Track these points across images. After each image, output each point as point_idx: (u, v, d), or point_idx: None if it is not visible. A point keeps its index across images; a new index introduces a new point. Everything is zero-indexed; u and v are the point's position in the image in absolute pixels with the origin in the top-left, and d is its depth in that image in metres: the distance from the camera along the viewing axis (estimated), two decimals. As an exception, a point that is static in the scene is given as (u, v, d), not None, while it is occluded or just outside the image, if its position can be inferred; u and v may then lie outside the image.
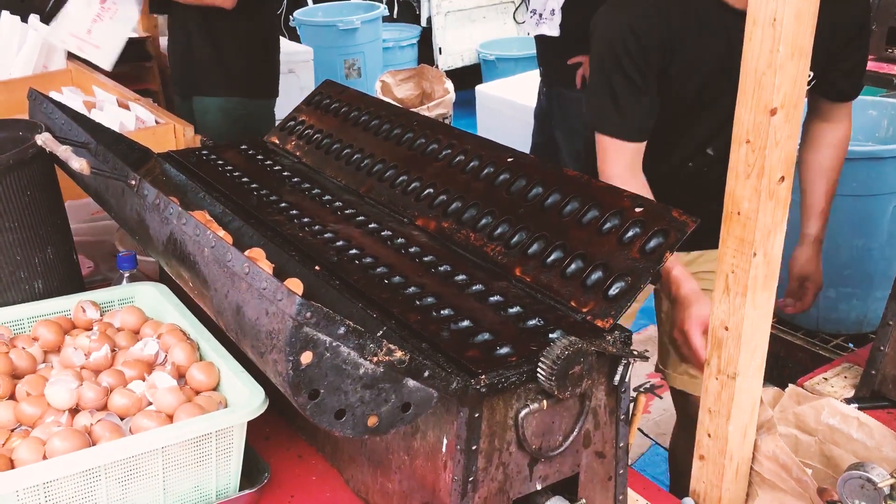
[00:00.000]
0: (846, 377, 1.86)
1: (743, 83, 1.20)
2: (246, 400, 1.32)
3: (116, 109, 2.70)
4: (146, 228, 1.40)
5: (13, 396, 1.37)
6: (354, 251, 1.48)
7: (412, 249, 1.49)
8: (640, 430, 3.17)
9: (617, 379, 1.22)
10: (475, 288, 1.35)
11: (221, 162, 1.95)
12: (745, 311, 1.26)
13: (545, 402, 1.17)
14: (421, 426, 1.21)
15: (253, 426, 1.33)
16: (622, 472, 1.31)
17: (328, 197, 1.74)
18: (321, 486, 1.44)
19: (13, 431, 1.30)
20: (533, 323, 1.25)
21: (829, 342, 2.69)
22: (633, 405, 1.30)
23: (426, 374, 1.04)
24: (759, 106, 1.18)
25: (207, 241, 1.18)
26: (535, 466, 1.21)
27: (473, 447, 1.14)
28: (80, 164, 1.38)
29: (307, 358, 0.96)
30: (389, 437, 1.28)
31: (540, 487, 1.23)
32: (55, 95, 2.74)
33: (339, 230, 1.58)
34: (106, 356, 1.44)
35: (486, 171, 1.57)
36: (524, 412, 1.16)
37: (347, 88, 2.08)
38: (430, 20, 7.21)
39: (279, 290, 0.99)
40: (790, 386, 1.70)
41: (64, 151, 1.44)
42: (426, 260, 1.45)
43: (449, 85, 6.10)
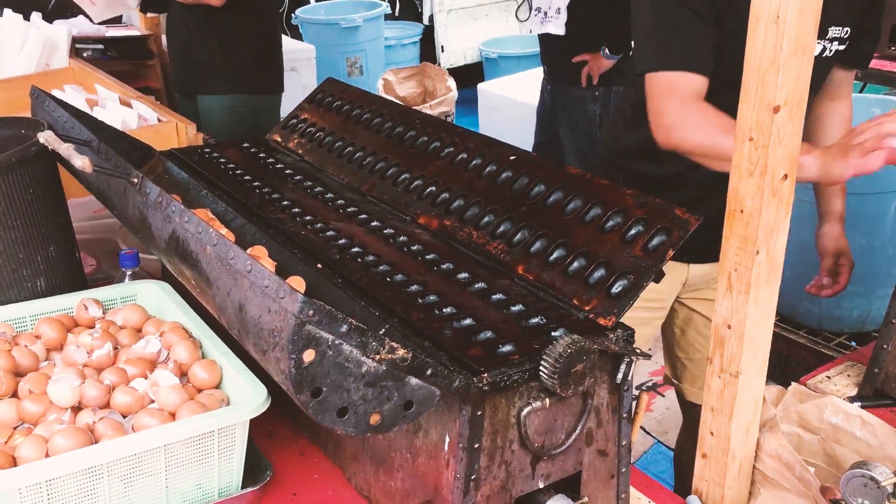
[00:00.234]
0: (849, 375, 1.86)
1: (746, 80, 1.19)
2: (248, 398, 1.32)
3: (118, 107, 2.70)
4: (148, 226, 1.40)
5: (16, 394, 1.37)
6: (356, 249, 1.48)
7: (414, 247, 1.49)
8: (642, 428, 3.17)
9: (619, 377, 1.22)
10: (477, 286, 1.35)
11: (224, 160, 1.95)
12: (747, 309, 1.26)
13: (547, 400, 1.17)
14: (423, 424, 1.21)
15: (255, 424, 1.33)
16: (625, 470, 1.31)
17: (330, 195, 1.74)
18: (323, 483, 1.44)
19: (16, 429, 1.31)
20: (535, 321, 1.25)
21: (831, 340, 2.68)
22: (635, 403, 1.29)
23: (428, 372, 1.04)
24: (762, 103, 1.18)
25: (210, 238, 1.18)
26: (537, 464, 1.21)
27: (476, 445, 1.13)
28: (82, 161, 1.37)
29: (309, 356, 0.96)
30: (392, 435, 1.28)
31: (542, 486, 1.23)
32: (57, 93, 2.74)
33: (341, 228, 1.57)
34: (108, 354, 1.44)
35: (488, 169, 1.57)
36: (526, 410, 1.16)
37: (349, 86, 2.08)
38: (432, 18, 7.22)
39: (281, 287, 0.98)
40: (793, 384, 1.70)
41: (66, 149, 1.44)
42: (428, 258, 1.45)
43: (451, 83, 6.10)
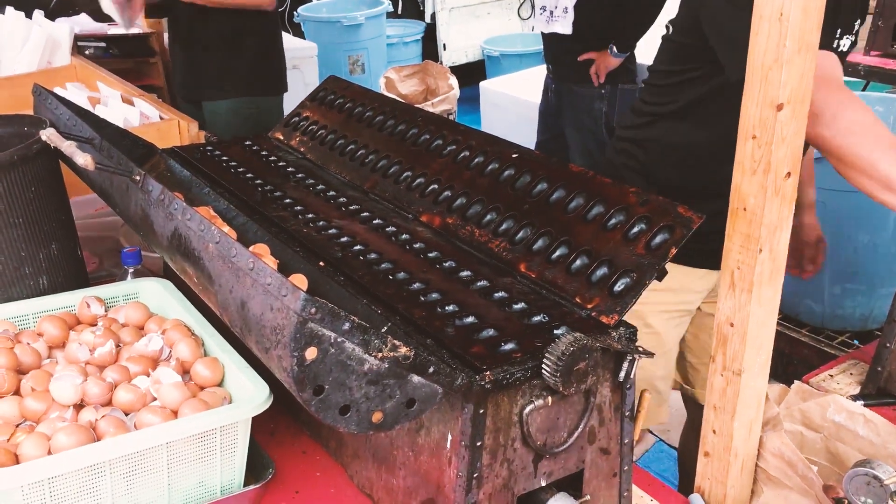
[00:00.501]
0: (852, 374, 1.86)
1: (749, 78, 1.19)
2: (250, 395, 1.32)
3: (121, 105, 2.70)
4: (151, 224, 1.40)
5: (18, 392, 1.37)
6: (359, 247, 1.48)
7: (417, 245, 1.49)
8: (649, 431, 3.16)
9: (622, 375, 1.22)
10: (480, 284, 1.35)
11: (226, 158, 1.95)
12: (750, 307, 1.26)
13: (550, 398, 1.17)
14: (425, 422, 1.21)
15: (257, 422, 1.33)
16: (627, 468, 1.31)
17: (332, 193, 1.73)
18: (326, 481, 1.44)
19: (18, 427, 1.31)
20: (538, 319, 1.25)
21: (834, 339, 2.68)
22: (637, 402, 1.29)
23: (431, 369, 1.03)
24: (765, 101, 1.18)
25: (212, 236, 1.18)
26: (539, 463, 1.21)
27: (478, 443, 1.13)
28: (84, 159, 1.37)
29: (312, 354, 0.96)
30: (394, 433, 1.27)
31: (544, 484, 1.23)
32: (59, 91, 2.74)
33: (343, 226, 1.57)
34: (110, 352, 1.44)
35: (490, 166, 1.56)
36: (529, 408, 1.15)
37: (352, 84, 2.08)
38: (434, 16, 7.21)
39: (284, 285, 0.98)
40: (796, 382, 1.70)
41: (69, 147, 1.44)
42: (431, 256, 1.45)
43: (453, 81, 6.10)
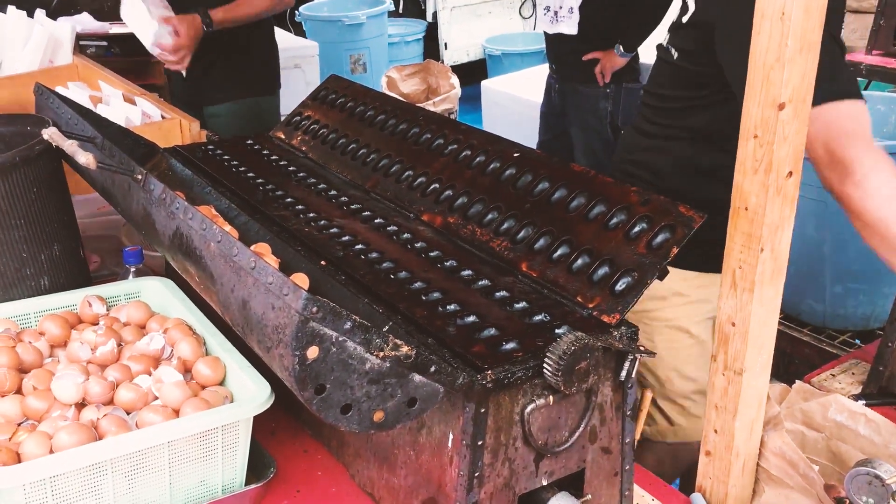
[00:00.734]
0: (853, 373, 1.85)
1: (751, 77, 1.19)
2: (252, 395, 1.32)
3: (122, 104, 2.69)
4: (152, 223, 1.40)
5: (20, 391, 1.37)
6: (360, 246, 1.48)
7: (418, 244, 1.49)
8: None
9: (623, 374, 1.22)
10: (481, 283, 1.35)
11: (227, 157, 1.95)
12: (752, 307, 1.26)
13: (551, 397, 1.17)
14: (427, 421, 1.21)
15: (259, 421, 1.33)
16: (628, 467, 1.31)
17: (334, 192, 1.73)
18: (327, 480, 1.44)
19: (20, 425, 1.31)
20: (539, 318, 1.25)
21: (836, 338, 2.67)
22: (639, 401, 1.29)
23: (432, 369, 1.04)
24: (767, 100, 1.18)
25: (213, 235, 1.18)
26: (540, 462, 1.21)
27: (479, 442, 1.13)
28: (86, 158, 1.38)
29: (313, 353, 0.96)
30: (395, 432, 1.27)
31: (546, 483, 1.23)
32: (61, 90, 2.74)
33: (344, 225, 1.57)
34: (112, 351, 1.44)
35: (492, 166, 1.56)
36: (530, 407, 1.16)
37: (353, 83, 2.08)
38: (435, 15, 7.21)
39: (285, 284, 0.98)
40: (797, 382, 1.69)
41: (70, 146, 1.44)
42: (432, 255, 1.45)
43: (454, 80, 6.10)
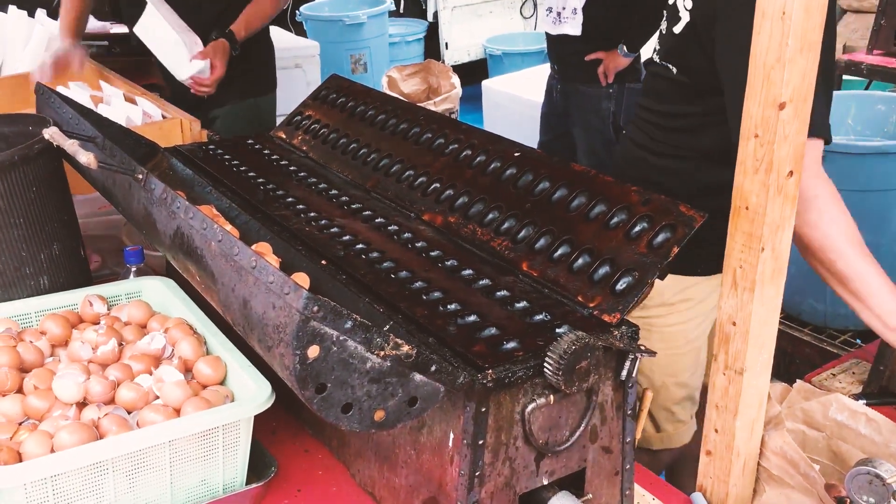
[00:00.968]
0: (854, 373, 1.86)
1: (751, 77, 1.19)
2: (253, 394, 1.32)
3: (123, 104, 2.69)
4: (153, 223, 1.40)
5: (21, 390, 1.38)
6: (361, 246, 1.48)
7: (419, 244, 1.49)
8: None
9: (624, 374, 1.22)
10: (482, 283, 1.35)
11: (228, 156, 1.95)
12: (752, 306, 1.26)
13: (552, 396, 1.17)
14: (427, 421, 1.21)
15: (260, 420, 1.33)
16: (629, 467, 1.31)
17: (335, 191, 1.74)
18: (328, 480, 1.44)
19: (21, 425, 1.31)
20: (540, 318, 1.25)
21: (836, 338, 2.67)
22: (639, 400, 1.29)
23: (433, 368, 1.04)
24: (767, 100, 1.18)
25: (214, 235, 1.18)
26: (541, 461, 1.21)
27: (480, 442, 1.13)
28: (87, 158, 1.38)
29: (314, 352, 0.96)
30: (396, 431, 1.28)
31: (546, 482, 1.23)
32: (62, 90, 2.74)
33: (345, 225, 1.57)
34: (113, 350, 1.44)
35: (492, 165, 1.57)
36: (531, 407, 1.16)
37: (354, 83, 2.08)
38: (436, 15, 7.21)
39: (286, 284, 0.99)
40: (798, 381, 1.69)
41: (71, 145, 1.44)
42: (433, 255, 1.45)
43: (455, 80, 6.10)
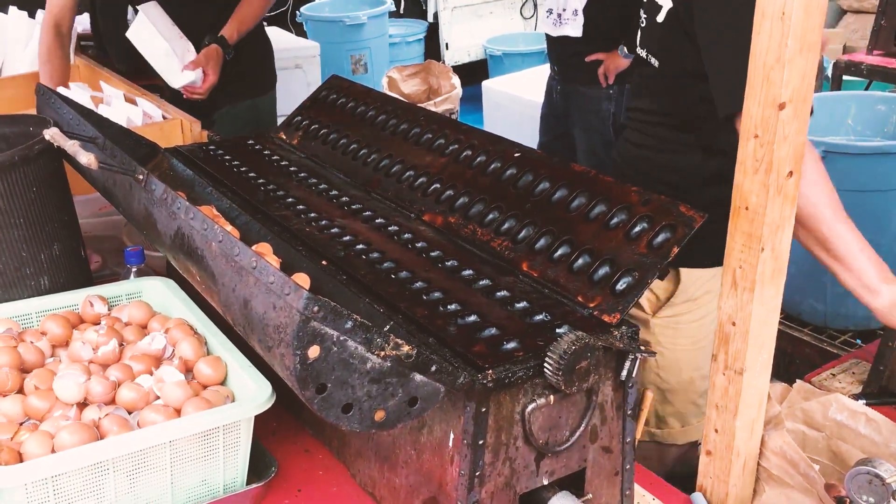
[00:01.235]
0: (854, 373, 1.86)
1: (751, 77, 1.19)
2: (253, 394, 1.32)
3: (123, 104, 2.70)
4: (154, 223, 1.41)
5: (21, 390, 1.38)
6: (361, 246, 1.49)
7: (419, 244, 1.49)
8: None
9: (624, 374, 1.22)
10: (482, 283, 1.35)
11: (228, 157, 1.95)
12: (752, 306, 1.26)
13: (552, 396, 1.17)
14: (428, 421, 1.21)
15: (260, 420, 1.33)
16: (629, 467, 1.31)
17: (335, 192, 1.74)
18: (328, 480, 1.44)
19: (22, 425, 1.31)
20: (540, 318, 1.25)
21: (836, 338, 2.68)
22: (639, 400, 1.29)
23: (433, 368, 1.04)
24: (767, 100, 1.18)
25: (215, 235, 1.18)
26: (541, 461, 1.21)
27: (480, 442, 1.14)
28: (87, 158, 1.38)
29: (314, 352, 0.96)
30: (396, 431, 1.28)
31: (546, 482, 1.23)
32: (62, 91, 2.74)
33: (345, 225, 1.58)
34: (114, 350, 1.44)
35: (492, 166, 1.57)
36: (531, 407, 1.16)
37: (354, 84, 2.08)
38: (436, 15, 7.20)
39: (287, 284, 0.99)
40: (798, 381, 1.70)
41: (72, 146, 1.45)
42: (433, 255, 1.45)
43: (455, 80, 6.10)
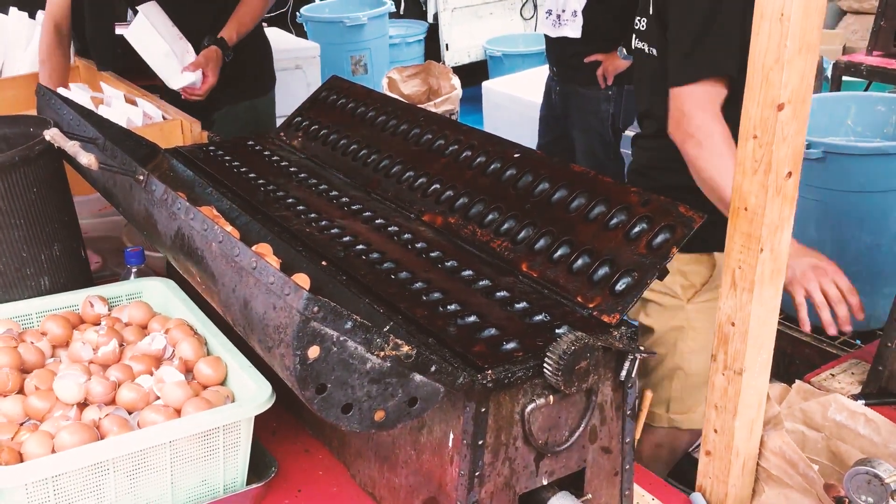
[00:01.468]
0: (853, 373, 1.86)
1: (750, 78, 1.20)
2: (253, 394, 1.32)
3: (124, 105, 2.70)
4: (154, 224, 1.41)
5: (22, 391, 1.38)
6: (361, 246, 1.49)
7: (419, 245, 1.49)
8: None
9: (623, 374, 1.22)
10: (482, 283, 1.35)
11: (228, 157, 1.96)
12: (751, 307, 1.26)
13: (551, 397, 1.17)
14: (427, 421, 1.21)
15: (260, 421, 1.33)
16: (628, 467, 1.31)
17: (335, 192, 1.74)
18: (328, 480, 1.44)
19: (22, 425, 1.31)
20: (539, 318, 1.25)
21: (836, 338, 2.67)
22: (639, 401, 1.29)
23: (433, 368, 1.04)
24: (766, 101, 1.18)
25: (215, 236, 1.18)
26: (541, 461, 1.21)
27: (480, 442, 1.14)
28: (88, 159, 1.38)
29: (314, 352, 0.96)
30: (396, 431, 1.28)
31: (546, 482, 1.23)
32: (63, 91, 2.75)
33: (345, 226, 1.58)
34: (114, 351, 1.44)
35: (492, 166, 1.57)
36: (530, 407, 1.16)
37: (354, 84, 2.08)
38: (436, 16, 7.21)
39: (286, 284, 0.99)
40: (797, 382, 1.70)
41: (72, 146, 1.45)
42: (433, 255, 1.45)
43: (455, 81, 6.10)
